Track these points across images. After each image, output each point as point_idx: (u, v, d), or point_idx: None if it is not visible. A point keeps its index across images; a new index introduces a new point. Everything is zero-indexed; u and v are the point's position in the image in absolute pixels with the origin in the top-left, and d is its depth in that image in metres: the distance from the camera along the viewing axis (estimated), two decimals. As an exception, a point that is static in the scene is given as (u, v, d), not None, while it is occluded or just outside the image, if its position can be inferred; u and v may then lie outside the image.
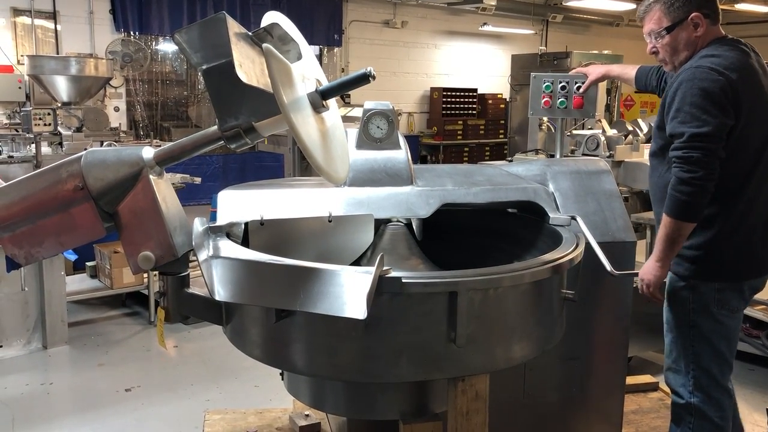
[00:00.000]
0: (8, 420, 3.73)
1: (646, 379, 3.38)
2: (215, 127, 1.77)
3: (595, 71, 3.28)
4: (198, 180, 5.67)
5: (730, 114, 2.22)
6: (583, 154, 4.97)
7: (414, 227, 2.39)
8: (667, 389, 3.28)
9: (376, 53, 11.39)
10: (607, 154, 4.91)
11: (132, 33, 9.08)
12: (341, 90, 1.79)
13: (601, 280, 2.26)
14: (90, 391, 4.17)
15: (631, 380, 3.06)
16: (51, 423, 3.72)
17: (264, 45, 1.61)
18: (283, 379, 2.23)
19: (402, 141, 2.30)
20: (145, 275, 5.21)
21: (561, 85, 3.56)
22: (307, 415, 2.77)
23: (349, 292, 1.50)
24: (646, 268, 2.37)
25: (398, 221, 2.25)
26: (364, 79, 1.69)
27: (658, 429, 2.94)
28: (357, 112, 6.06)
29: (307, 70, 1.79)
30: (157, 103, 9.71)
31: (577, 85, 3.64)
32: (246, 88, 1.59)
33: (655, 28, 2.41)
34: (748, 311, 4.01)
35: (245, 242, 2.01)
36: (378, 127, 2.27)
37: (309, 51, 1.84)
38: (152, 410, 3.87)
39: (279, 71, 1.58)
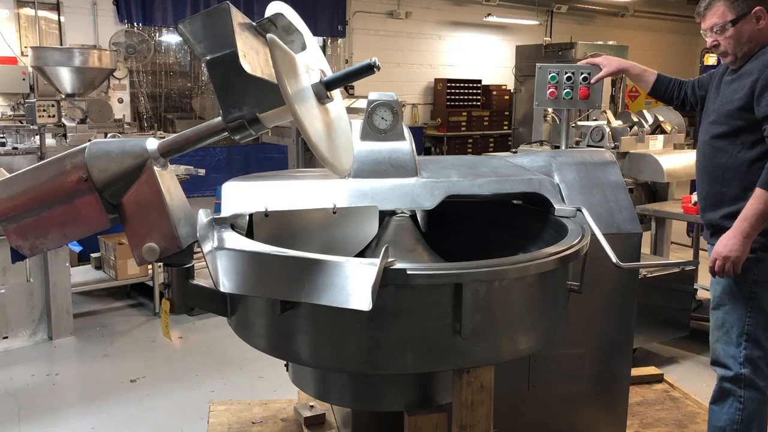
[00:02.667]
0: (14, 410, 3.75)
1: (650, 370, 3.37)
2: (219, 119, 1.76)
3: (611, 64, 3.14)
4: (202, 171, 5.67)
5: None
6: (588, 146, 4.95)
7: (418, 219, 2.39)
8: (672, 380, 3.29)
9: (380, 44, 11.35)
10: (612, 145, 4.89)
11: (135, 24, 9.07)
12: (346, 81, 1.77)
13: (607, 272, 2.25)
14: (95, 381, 4.19)
15: (635, 372, 3.06)
16: (56, 413, 3.74)
17: (268, 35, 1.60)
18: (287, 371, 2.24)
19: (407, 132, 2.29)
20: (150, 266, 5.23)
21: (566, 75, 3.54)
22: (312, 407, 2.78)
23: (353, 284, 1.49)
24: (731, 245, 2.42)
25: (403, 213, 2.24)
26: (368, 69, 1.67)
27: (662, 420, 2.94)
28: (361, 104, 6.04)
29: (312, 61, 1.78)
30: (161, 94, 9.70)
31: (583, 75, 3.62)
32: (250, 79, 1.59)
33: (719, 21, 2.52)
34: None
35: (250, 234, 2.00)
36: (382, 118, 2.25)
37: (313, 41, 1.83)
38: (157, 401, 3.88)
39: (283, 62, 1.57)
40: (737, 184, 2.54)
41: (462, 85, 11.95)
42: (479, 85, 12.10)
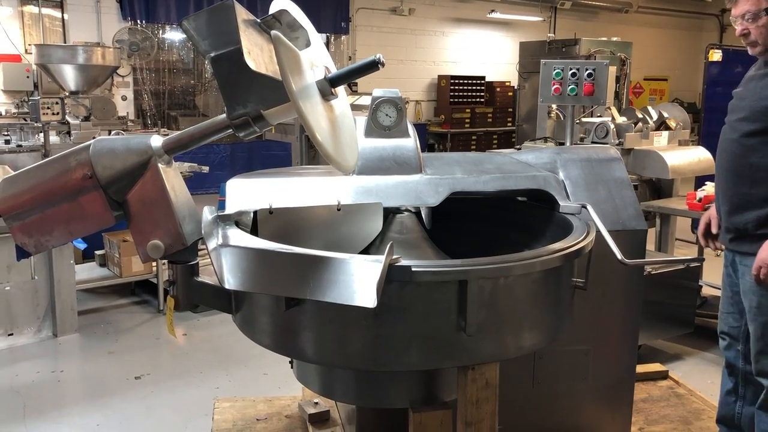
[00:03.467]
0: (20, 407, 3.76)
1: (655, 367, 3.37)
2: (224, 116, 1.76)
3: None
4: (206, 169, 5.67)
5: None
6: (593, 142, 4.93)
7: (423, 216, 2.38)
8: (677, 377, 3.29)
9: (383, 41, 11.34)
10: (617, 141, 4.87)
11: (139, 21, 9.07)
12: (350, 77, 1.77)
13: (612, 269, 2.24)
14: (100, 378, 4.20)
15: (640, 368, 3.05)
16: (62, 410, 3.75)
17: (272, 32, 1.59)
18: (292, 367, 2.24)
19: (411, 129, 2.28)
20: (155, 264, 5.24)
21: (571, 72, 3.53)
22: (317, 403, 2.78)
23: (358, 281, 1.49)
24: None
25: (407, 210, 2.24)
26: (373, 66, 1.67)
27: (667, 417, 2.93)
28: (364, 101, 6.04)
29: (316, 57, 1.78)
30: (165, 92, 9.70)
31: (588, 71, 3.59)
32: (254, 76, 1.58)
33: (752, 9, 2.43)
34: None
35: (254, 231, 2.00)
36: (387, 114, 2.25)
37: (317, 38, 1.83)
38: (162, 398, 3.89)
39: (288, 58, 1.56)
40: (763, 186, 2.44)
41: (465, 81, 11.92)
42: (483, 81, 12.07)
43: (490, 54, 12.80)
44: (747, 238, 2.50)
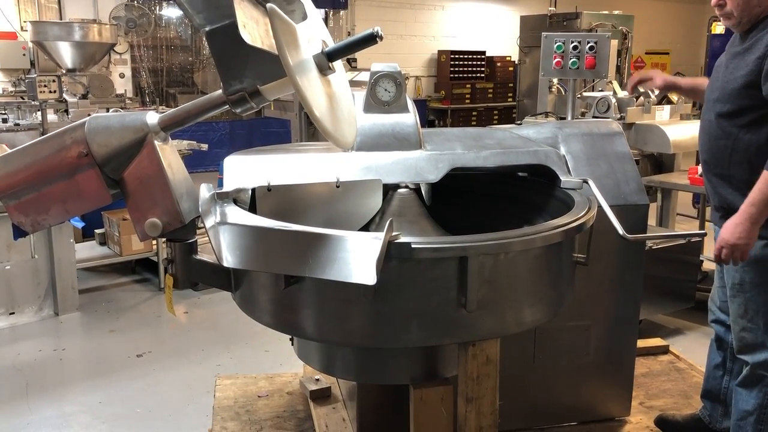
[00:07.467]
0: (22, 385, 3.78)
1: (656, 342, 3.37)
2: (220, 92, 1.74)
3: (662, 78, 2.93)
4: (204, 147, 5.64)
5: None
6: (594, 117, 4.89)
7: (423, 192, 2.36)
8: (677, 352, 3.29)
9: (382, 15, 11.21)
10: (618, 116, 4.84)
11: (135, -2, 8.96)
12: (348, 51, 1.74)
13: (613, 244, 2.23)
14: (102, 356, 4.21)
15: (641, 343, 3.05)
16: (64, 388, 3.77)
17: (268, 5, 1.56)
18: (293, 345, 2.24)
19: (410, 104, 2.26)
20: (155, 242, 5.23)
21: (573, 45, 3.48)
22: (318, 380, 2.79)
23: (358, 258, 1.48)
24: (738, 232, 2.24)
25: (407, 186, 2.22)
26: (371, 39, 1.64)
27: (668, 392, 2.94)
28: (363, 77, 5.99)
29: (313, 31, 1.74)
30: (163, 69, 9.61)
31: (590, 44, 3.54)
32: (250, 50, 1.56)
33: None
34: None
35: (252, 208, 1.99)
36: (386, 89, 2.22)
37: (314, 11, 1.79)
38: (163, 375, 3.91)
39: (284, 32, 1.53)
40: (735, 168, 2.36)
41: (466, 56, 11.80)
42: (483, 56, 11.95)
43: (490, 28, 12.66)
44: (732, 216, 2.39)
